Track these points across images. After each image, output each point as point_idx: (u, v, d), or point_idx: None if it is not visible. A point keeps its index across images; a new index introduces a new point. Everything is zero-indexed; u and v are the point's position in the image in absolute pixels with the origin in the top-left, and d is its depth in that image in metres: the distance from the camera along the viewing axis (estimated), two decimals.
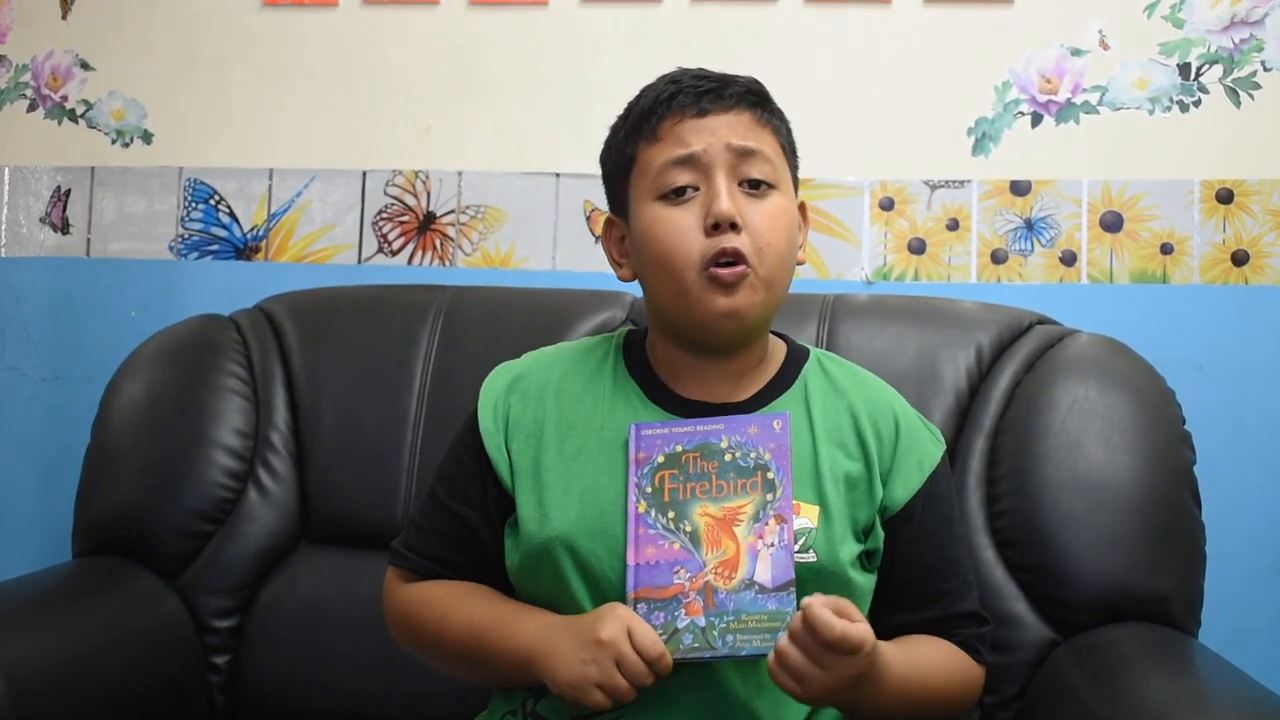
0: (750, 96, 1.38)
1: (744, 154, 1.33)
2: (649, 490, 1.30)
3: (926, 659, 1.35)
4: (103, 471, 1.92)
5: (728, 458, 1.30)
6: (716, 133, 1.34)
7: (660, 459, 1.31)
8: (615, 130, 1.42)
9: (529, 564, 1.34)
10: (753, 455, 1.30)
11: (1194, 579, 1.66)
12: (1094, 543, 1.62)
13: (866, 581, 1.36)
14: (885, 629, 1.38)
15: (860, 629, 1.17)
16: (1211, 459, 1.79)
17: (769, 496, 1.28)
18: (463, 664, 1.39)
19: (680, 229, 1.32)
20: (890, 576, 1.38)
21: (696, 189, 1.33)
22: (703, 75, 1.38)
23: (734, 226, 1.30)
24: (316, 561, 1.89)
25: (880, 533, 1.36)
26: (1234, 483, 2.01)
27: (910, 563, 1.38)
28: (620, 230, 1.43)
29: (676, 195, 1.33)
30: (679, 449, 1.31)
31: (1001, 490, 1.70)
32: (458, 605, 1.38)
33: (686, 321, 1.35)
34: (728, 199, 1.31)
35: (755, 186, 1.34)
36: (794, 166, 1.42)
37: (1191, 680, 1.45)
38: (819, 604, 1.16)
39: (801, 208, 1.44)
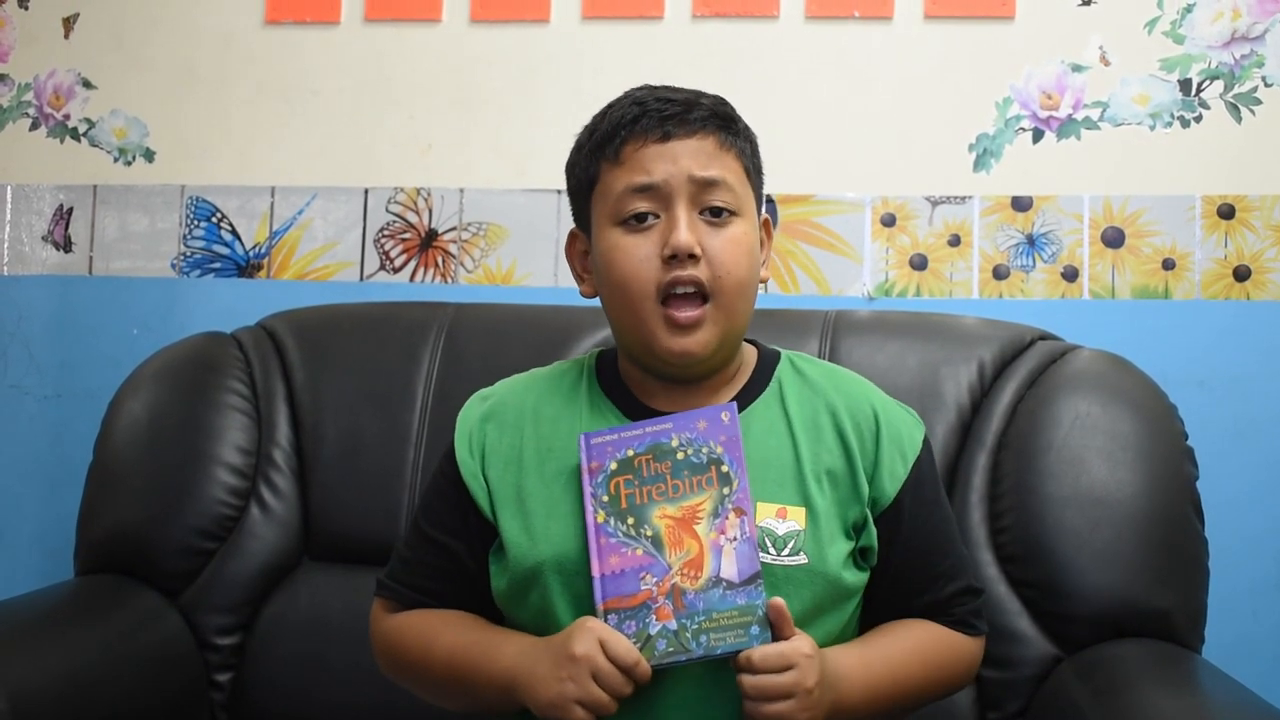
0: (715, 120, 1.36)
1: (706, 184, 1.33)
2: (605, 499, 1.29)
3: (899, 651, 1.35)
4: (105, 489, 1.93)
5: (680, 456, 1.29)
6: (678, 161, 1.32)
7: (613, 466, 1.30)
8: (579, 146, 1.41)
9: (517, 589, 1.34)
10: (704, 450, 1.29)
11: (1197, 594, 1.66)
12: (1096, 558, 1.62)
13: (859, 579, 1.35)
14: (883, 618, 1.39)
15: (780, 646, 1.21)
16: (1214, 474, 1.79)
17: (725, 490, 1.27)
18: (448, 693, 1.39)
19: (638, 257, 1.32)
20: (887, 568, 1.38)
21: (657, 216, 1.33)
22: (667, 98, 1.36)
23: (692, 257, 1.30)
24: (318, 579, 1.89)
25: (873, 529, 1.36)
26: (1237, 498, 2.01)
27: (905, 552, 1.37)
28: (583, 245, 1.42)
29: (637, 221, 1.33)
30: (630, 453, 1.30)
31: (1004, 506, 1.70)
32: (440, 634, 1.38)
33: (643, 350, 1.35)
34: (687, 231, 1.30)
35: (716, 214, 1.33)
36: (758, 186, 1.41)
37: (1195, 696, 1.45)
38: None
39: (765, 225, 1.44)
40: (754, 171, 1.41)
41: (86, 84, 2.43)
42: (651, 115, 1.34)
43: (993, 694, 1.64)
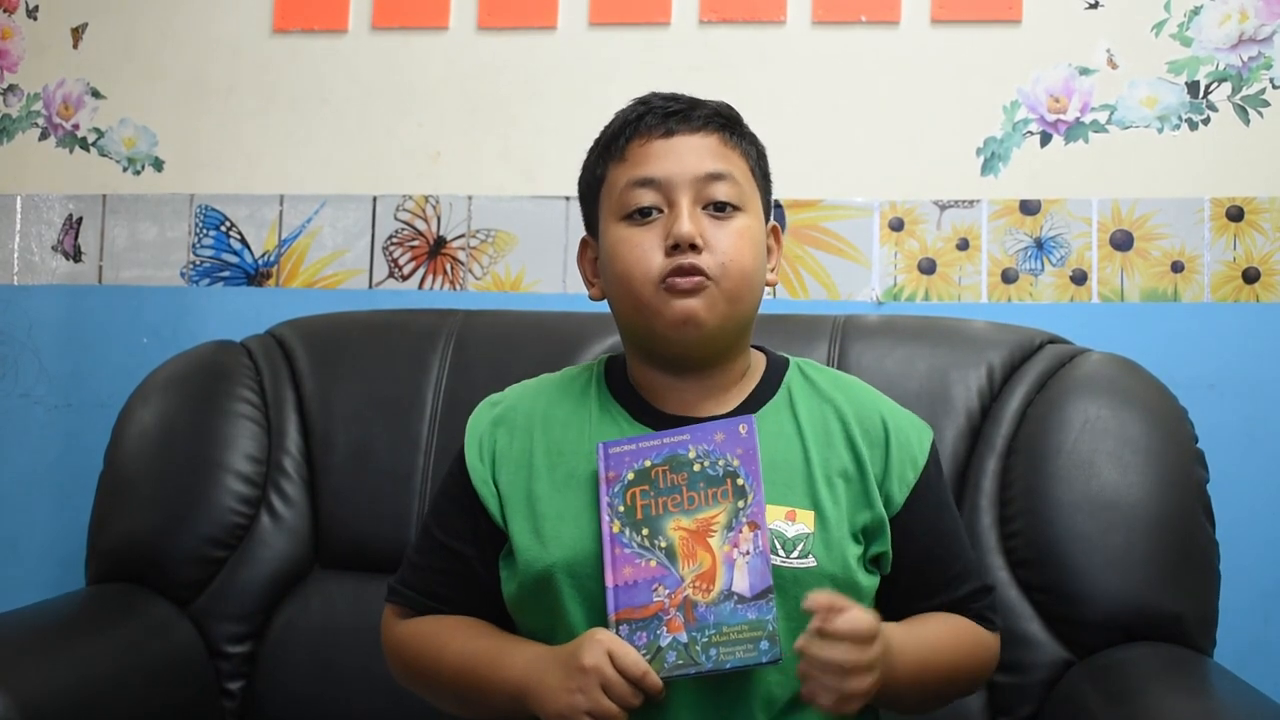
0: (718, 119, 1.38)
1: (710, 178, 1.34)
2: (621, 509, 1.29)
3: (935, 633, 1.36)
4: (116, 498, 1.93)
5: (696, 468, 1.29)
6: (682, 156, 1.34)
7: (630, 475, 1.31)
8: (590, 153, 1.44)
9: (527, 593, 1.34)
10: (721, 463, 1.29)
11: (1208, 598, 1.66)
12: (1107, 562, 1.62)
13: (870, 583, 1.35)
14: (896, 619, 1.38)
15: (860, 614, 1.19)
16: (1224, 477, 1.79)
17: (740, 504, 1.27)
18: (458, 700, 1.39)
19: (641, 248, 1.33)
20: (901, 573, 1.38)
21: (661, 211, 1.34)
22: (672, 98, 1.39)
23: (694, 247, 1.31)
24: (329, 586, 1.90)
25: (887, 535, 1.36)
26: (1247, 501, 2.00)
27: (919, 556, 1.38)
28: (593, 251, 1.44)
29: (641, 216, 1.34)
30: (648, 464, 1.31)
31: (1014, 510, 1.70)
32: (451, 641, 1.38)
33: (649, 336, 1.36)
34: (689, 221, 1.31)
35: (720, 209, 1.34)
36: (765, 190, 1.43)
37: (1207, 700, 1.45)
38: (821, 602, 1.18)
39: (774, 232, 1.45)
40: (760, 174, 1.42)
41: (95, 94, 2.43)
42: (656, 113, 1.37)
43: (1004, 698, 1.64)
